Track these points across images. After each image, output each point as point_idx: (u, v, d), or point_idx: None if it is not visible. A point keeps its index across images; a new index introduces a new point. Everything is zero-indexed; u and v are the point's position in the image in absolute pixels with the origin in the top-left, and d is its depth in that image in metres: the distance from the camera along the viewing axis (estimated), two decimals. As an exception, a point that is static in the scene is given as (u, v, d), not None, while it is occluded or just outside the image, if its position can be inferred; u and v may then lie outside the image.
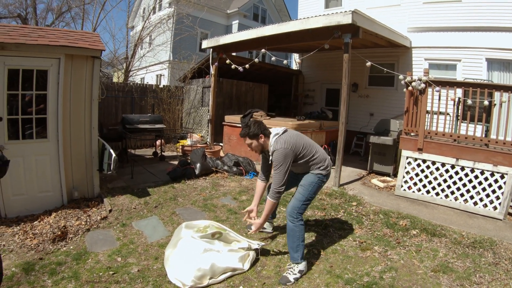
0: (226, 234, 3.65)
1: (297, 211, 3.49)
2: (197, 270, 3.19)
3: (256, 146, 3.57)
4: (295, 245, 3.45)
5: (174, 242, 3.54)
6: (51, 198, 4.97)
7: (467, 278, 3.46)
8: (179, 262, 3.28)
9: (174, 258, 3.36)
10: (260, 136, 3.51)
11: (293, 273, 3.37)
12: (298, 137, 3.55)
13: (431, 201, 5.90)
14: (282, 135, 3.49)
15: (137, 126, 7.66)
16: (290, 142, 3.41)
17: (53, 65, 4.77)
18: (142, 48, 15.41)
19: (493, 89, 5.50)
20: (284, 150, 3.35)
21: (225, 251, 3.43)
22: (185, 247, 3.37)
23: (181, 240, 3.46)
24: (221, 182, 6.53)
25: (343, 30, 6.30)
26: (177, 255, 3.35)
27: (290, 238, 3.50)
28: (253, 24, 20.20)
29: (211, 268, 3.25)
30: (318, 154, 3.62)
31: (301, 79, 12.52)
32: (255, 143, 3.55)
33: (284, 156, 3.33)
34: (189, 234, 3.52)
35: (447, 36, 8.81)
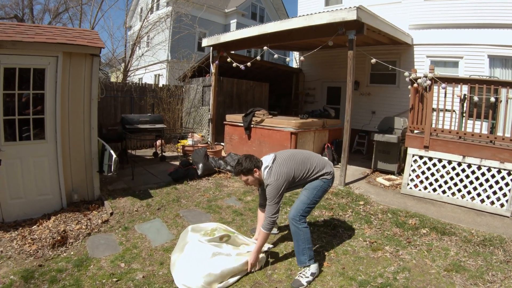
0: (234, 237, 3.54)
1: (300, 214, 3.43)
2: (207, 275, 3.07)
3: (253, 181, 3.49)
4: (301, 248, 3.37)
5: (181, 246, 3.41)
6: (50, 201, 4.82)
7: (480, 276, 3.42)
8: (187, 267, 3.15)
9: (181, 263, 3.23)
10: (255, 171, 3.42)
11: (305, 276, 3.27)
12: (289, 162, 3.46)
13: (438, 199, 5.82)
14: (272, 165, 3.40)
15: (137, 126, 7.51)
16: (281, 173, 3.35)
17: (51, 64, 4.62)
18: (140, 48, 15.27)
19: (499, 85, 5.43)
20: (276, 182, 3.31)
21: (234, 255, 3.31)
22: (192, 252, 3.24)
23: (187, 245, 3.33)
24: (225, 183, 6.40)
25: (348, 26, 6.19)
26: (184, 260, 3.22)
27: (295, 242, 3.42)
28: (251, 23, 20.09)
29: (221, 273, 3.13)
30: (314, 166, 3.55)
31: (301, 78, 12.41)
32: (251, 178, 3.46)
33: (277, 189, 3.29)
34: (196, 238, 3.40)
35: (449, 33, 8.74)
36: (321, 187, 3.52)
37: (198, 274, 3.07)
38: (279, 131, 7.76)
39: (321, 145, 8.46)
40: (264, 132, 8.13)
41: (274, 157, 3.48)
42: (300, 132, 7.61)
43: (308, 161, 3.55)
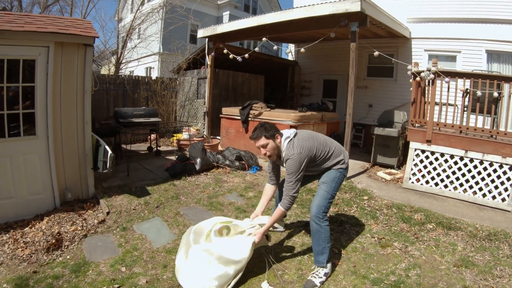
0: (234, 225, 3.30)
1: (323, 210, 3.24)
2: (214, 278, 2.91)
3: (272, 149, 3.20)
4: (321, 248, 3.21)
5: (184, 250, 3.21)
6: (43, 201, 4.56)
7: (489, 272, 3.42)
8: (193, 274, 2.98)
9: (186, 269, 3.05)
10: (277, 136, 3.19)
11: (319, 277, 3.14)
12: (311, 139, 3.27)
13: (440, 194, 5.80)
14: (294, 138, 3.20)
15: (131, 120, 7.27)
16: (304, 146, 3.15)
17: (42, 54, 4.34)
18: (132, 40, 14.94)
19: (502, 80, 5.43)
20: (299, 156, 3.09)
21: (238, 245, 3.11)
22: (197, 259, 3.05)
23: (191, 250, 3.13)
24: (224, 178, 6.23)
25: (350, 18, 6.06)
26: (190, 266, 3.05)
27: (315, 241, 3.24)
28: (244, 15, 19.84)
29: (226, 274, 2.97)
30: (333, 149, 3.39)
31: (297, 70, 12.29)
32: (271, 144, 3.18)
33: (299, 163, 3.08)
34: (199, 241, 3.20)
35: (447, 27, 8.74)
36: (339, 179, 3.37)
37: (207, 278, 2.92)
38: (277, 124, 7.56)
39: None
40: (262, 125, 7.95)
41: (295, 132, 3.27)
42: (299, 126, 7.48)
43: (327, 143, 3.39)
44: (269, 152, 3.21)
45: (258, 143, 3.20)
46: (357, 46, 6.09)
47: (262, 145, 3.18)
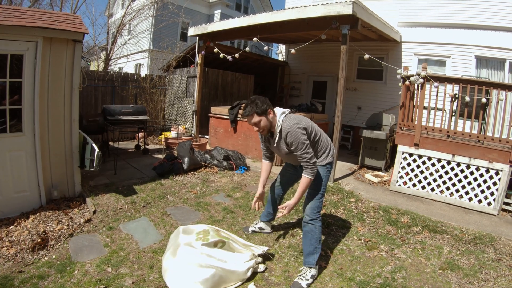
0: (229, 243, 3.29)
1: (317, 210, 3.27)
2: (203, 281, 2.88)
3: (265, 125, 3.08)
4: (312, 248, 3.22)
5: (172, 250, 3.18)
6: (28, 199, 4.47)
7: (474, 275, 3.48)
8: (181, 274, 2.94)
9: (174, 269, 3.01)
10: (269, 112, 3.08)
11: (305, 279, 3.15)
12: (305, 118, 3.25)
13: (426, 197, 5.86)
14: (290, 114, 3.18)
15: (119, 117, 7.18)
16: (301, 120, 3.13)
17: (30, 49, 4.25)
18: (122, 36, 14.76)
19: (490, 86, 5.52)
20: (297, 126, 3.02)
21: (230, 262, 3.09)
22: (186, 258, 3.01)
23: (180, 249, 3.10)
24: (212, 178, 6.19)
25: (342, 21, 6.06)
26: (178, 265, 3.00)
27: (307, 241, 3.25)
28: (235, 14, 19.78)
29: (219, 279, 2.95)
30: (323, 137, 3.37)
31: (287, 71, 12.29)
32: (264, 120, 3.07)
33: (300, 134, 3.01)
34: (189, 242, 3.16)
35: (437, 32, 8.82)
36: (326, 176, 3.35)
37: (194, 280, 2.88)
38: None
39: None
40: (251, 125, 7.92)
41: (289, 110, 3.26)
42: (288, 127, 7.46)
43: (318, 129, 3.37)
44: (262, 128, 3.11)
45: (250, 121, 3.11)
46: (347, 48, 6.11)
47: (255, 123, 3.09)
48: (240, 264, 3.11)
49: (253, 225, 4.20)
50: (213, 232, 3.34)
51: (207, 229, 3.38)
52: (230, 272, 3.02)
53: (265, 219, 4.10)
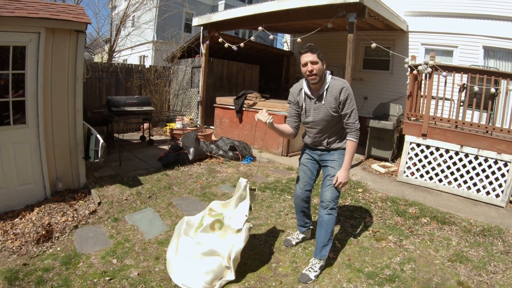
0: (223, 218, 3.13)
1: (337, 200, 3.13)
2: (206, 273, 2.85)
3: (320, 69, 2.88)
4: (327, 239, 3.11)
5: (175, 243, 3.14)
6: (33, 191, 4.45)
7: (483, 267, 3.43)
8: (184, 267, 2.92)
9: (177, 262, 2.98)
10: (324, 63, 2.93)
11: (314, 271, 3.08)
12: None
13: (434, 188, 5.80)
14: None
15: (124, 108, 7.15)
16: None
17: (32, 41, 4.19)
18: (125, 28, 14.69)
19: (499, 76, 5.42)
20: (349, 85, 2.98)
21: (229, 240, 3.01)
22: (188, 250, 2.98)
23: (182, 241, 3.07)
24: (217, 168, 6.16)
25: (349, 9, 5.97)
26: (181, 258, 2.98)
27: (323, 232, 3.11)
28: (239, 4, 19.58)
29: (219, 268, 2.90)
30: None
31: (292, 61, 12.19)
32: (320, 65, 2.88)
33: (352, 91, 2.97)
34: (190, 233, 3.14)
35: (445, 21, 8.68)
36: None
37: (197, 273, 2.85)
38: (272, 115, 7.51)
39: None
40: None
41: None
42: (294, 117, 7.41)
43: None
44: (316, 71, 2.88)
45: (309, 57, 2.88)
46: (354, 37, 6.01)
47: (312, 61, 2.87)
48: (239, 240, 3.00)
49: (294, 237, 3.76)
50: (208, 214, 3.22)
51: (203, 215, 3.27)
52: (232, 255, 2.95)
53: (305, 228, 3.72)
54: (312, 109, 3.09)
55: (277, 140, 7.54)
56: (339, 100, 2.94)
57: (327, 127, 3.09)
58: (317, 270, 3.10)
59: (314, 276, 3.06)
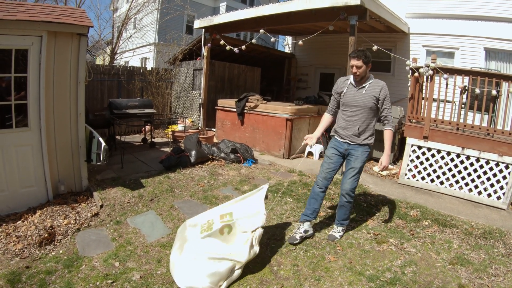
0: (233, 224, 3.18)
1: (354, 190, 3.81)
2: (211, 274, 2.85)
3: (363, 71, 3.53)
4: (346, 216, 3.91)
5: (179, 244, 3.16)
6: (35, 194, 4.47)
7: (484, 270, 3.43)
8: (189, 268, 2.92)
9: (182, 263, 2.99)
10: (369, 65, 3.56)
11: (338, 232, 3.94)
12: None
13: (435, 190, 5.80)
14: None
15: (125, 111, 7.16)
16: None
17: (34, 44, 4.22)
18: (127, 30, 14.75)
19: (501, 79, 5.43)
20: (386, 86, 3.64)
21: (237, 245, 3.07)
22: (192, 251, 3.00)
23: (187, 243, 3.09)
24: (219, 171, 6.17)
25: (350, 11, 5.98)
26: (185, 259, 2.99)
27: (342, 211, 3.87)
28: (241, 6, 19.63)
29: (226, 270, 2.91)
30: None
31: (294, 63, 12.21)
32: (364, 68, 3.51)
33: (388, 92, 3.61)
34: (195, 234, 3.15)
35: (446, 23, 8.71)
36: (366, 158, 3.78)
37: (202, 273, 2.86)
38: (274, 117, 7.56)
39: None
40: (258, 118, 7.91)
41: None
42: (295, 119, 7.44)
43: None
44: (359, 73, 3.52)
45: (355, 62, 3.51)
46: (355, 39, 6.02)
47: (357, 65, 3.49)
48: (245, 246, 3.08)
49: (297, 232, 3.88)
50: (217, 219, 3.27)
51: (212, 219, 3.30)
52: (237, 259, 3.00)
53: (311, 217, 3.89)
54: (352, 95, 3.67)
55: (278, 142, 7.55)
56: (378, 96, 3.58)
57: (360, 115, 3.65)
58: (340, 232, 3.93)
59: (339, 235, 3.91)
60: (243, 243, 3.08)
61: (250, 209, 3.31)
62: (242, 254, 3.02)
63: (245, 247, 3.06)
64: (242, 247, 3.06)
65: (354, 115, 3.67)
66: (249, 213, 3.28)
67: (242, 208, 3.36)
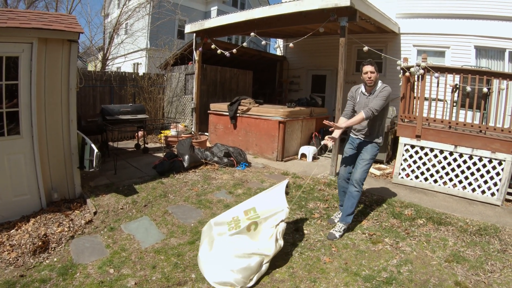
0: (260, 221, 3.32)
1: (364, 177, 4.07)
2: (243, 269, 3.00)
3: (375, 77, 3.91)
4: (352, 210, 4.06)
5: (207, 242, 3.29)
6: (28, 202, 4.43)
7: (480, 266, 3.45)
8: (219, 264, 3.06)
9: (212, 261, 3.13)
10: (378, 73, 3.94)
11: (339, 231, 4.01)
12: None
13: (429, 189, 5.83)
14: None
15: (118, 117, 7.13)
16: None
17: (25, 51, 4.20)
18: (118, 35, 14.69)
19: (491, 76, 5.49)
20: (389, 89, 3.93)
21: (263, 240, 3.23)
22: (223, 248, 3.14)
23: (215, 241, 3.21)
24: (213, 175, 6.15)
25: (340, 13, 6.00)
26: (215, 256, 3.12)
27: (350, 203, 4.04)
28: (232, 10, 19.65)
29: (256, 264, 3.05)
30: (385, 121, 4.24)
31: (285, 65, 12.24)
32: (376, 74, 3.89)
33: (388, 94, 3.89)
34: (223, 232, 3.28)
35: (436, 22, 8.78)
36: (376, 154, 4.13)
37: (233, 269, 2.98)
38: (266, 120, 7.56)
39: (308, 134, 8.34)
40: (251, 121, 7.91)
41: None
42: (288, 121, 7.45)
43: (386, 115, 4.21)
44: (373, 78, 3.89)
45: (370, 68, 3.87)
46: (346, 41, 6.05)
47: (372, 71, 3.87)
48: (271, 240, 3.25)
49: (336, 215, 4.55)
50: (243, 216, 3.41)
51: (236, 216, 3.44)
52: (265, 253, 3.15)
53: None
54: (363, 102, 4.03)
55: (271, 145, 7.55)
56: (379, 94, 3.90)
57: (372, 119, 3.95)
58: (341, 231, 4.01)
59: (339, 235, 3.97)
60: (268, 238, 3.23)
61: (272, 204, 3.46)
62: (269, 249, 3.17)
63: (271, 242, 3.21)
64: (268, 242, 3.21)
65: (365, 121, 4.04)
66: (271, 207, 3.42)
67: (264, 203, 3.52)
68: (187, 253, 3.56)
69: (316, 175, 6.39)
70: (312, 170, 6.68)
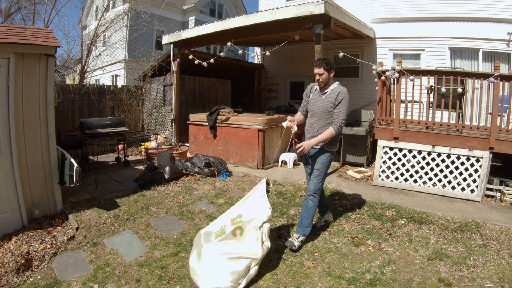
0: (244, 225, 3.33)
1: (319, 188, 3.88)
2: (231, 273, 3.02)
3: (325, 78, 3.76)
4: (309, 222, 3.89)
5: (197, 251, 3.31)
6: (10, 220, 4.30)
7: (463, 262, 3.51)
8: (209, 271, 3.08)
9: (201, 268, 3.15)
10: (331, 72, 3.79)
11: (298, 241, 3.83)
12: None
13: (410, 189, 5.93)
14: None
15: (97, 130, 7.04)
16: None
17: (2, 66, 4.11)
18: (96, 48, 14.54)
19: (465, 76, 5.65)
20: (347, 94, 3.75)
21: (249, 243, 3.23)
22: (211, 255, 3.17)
23: (204, 249, 3.25)
24: (194, 186, 6.12)
25: (315, 20, 6.12)
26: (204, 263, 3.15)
27: (306, 215, 3.88)
28: (209, 20, 19.77)
29: (244, 268, 3.06)
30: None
31: (263, 73, 12.34)
32: (326, 75, 3.75)
33: (348, 96, 3.73)
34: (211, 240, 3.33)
35: (411, 26, 9.00)
36: (329, 161, 3.93)
37: (222, 274, 3.01)
38: (246, 128, 7.59)
39: (288, 140, 8.37)
40: (230, 130, 7.93)
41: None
42: (267, 129, 7.50)
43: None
44: (321, 79, 3.77)
45: (317, 70, 3.77)
46: (322, 47, 6.16)
47: (319, 72, 3.75)
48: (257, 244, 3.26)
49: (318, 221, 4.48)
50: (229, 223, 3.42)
51: (224, 225, 3.45)
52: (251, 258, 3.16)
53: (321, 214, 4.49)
54: (315, 100, 3.92)
55: (251, 153, 7.57)
56: (335, 99, 3.73)
57: (321, 120, 3.83)
58: (299, 242, 3.84)
59: (298, 245, 3.80)
60: (254, 240, 3.22)
61: (255, 207, 3.44)
62: (255, 251, 3.17)
63: (257, 244, 3.20)
64: (254, 245, 3.20)
65: (316, 119, 3.90)
66: (254, 210, 3.41)
67: (248, 208, 3.50)
68: (171, 265, 3.53)
69: (297, 181, 6.43)
70: (293, 176, 6.72)
